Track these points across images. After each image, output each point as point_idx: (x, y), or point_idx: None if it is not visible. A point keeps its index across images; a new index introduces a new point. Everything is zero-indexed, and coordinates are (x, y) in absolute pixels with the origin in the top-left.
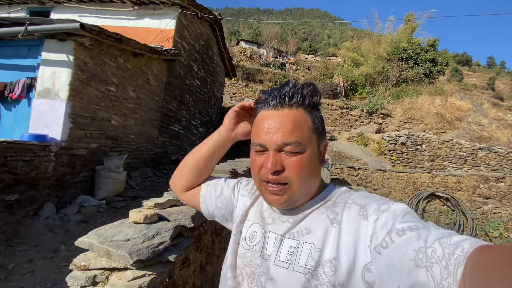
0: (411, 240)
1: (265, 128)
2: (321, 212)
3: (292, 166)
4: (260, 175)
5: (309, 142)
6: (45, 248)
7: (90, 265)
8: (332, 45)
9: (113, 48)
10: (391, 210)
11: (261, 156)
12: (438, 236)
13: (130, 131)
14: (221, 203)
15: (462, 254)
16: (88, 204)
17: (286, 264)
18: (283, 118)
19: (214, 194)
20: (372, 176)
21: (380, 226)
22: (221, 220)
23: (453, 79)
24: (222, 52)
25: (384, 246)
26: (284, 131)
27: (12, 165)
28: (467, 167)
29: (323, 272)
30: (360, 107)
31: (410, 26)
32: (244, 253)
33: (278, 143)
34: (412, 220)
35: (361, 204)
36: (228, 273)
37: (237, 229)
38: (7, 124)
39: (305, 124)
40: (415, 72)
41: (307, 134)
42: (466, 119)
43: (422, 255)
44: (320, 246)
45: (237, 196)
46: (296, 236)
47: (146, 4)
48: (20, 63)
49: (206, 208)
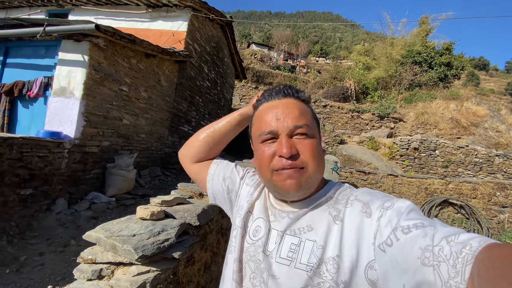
0: (417, 238)
1: (274, 115)
2: (323, 209)
3: (307, 149)
4: (272, 166)
5: (314, 128)
6: (56, 242)
7: (96, 259)
8: (344, 48)
9: (127, 49)
10: (395, 207)
11: (270, 145)
12: (445, 234)
13: (141, 130)
14: (227, 186)
15: (470, 252)
16: (98, 201)
17: (287, 262)
18: (289, 105)
19: (222, 175)
20: (383, 181)
21: (385, 224)
22: (222, 202)
23: (469, 83)
24: (233, 54)
25: (389, 244)
26: (293, 115)
27: (28, 160)
28: (483, 174)
29: (326, 269)
30: (371, 110)
31: (424, 29)
32: (248, 247)
33: (290, 127)
34: (417, 217)
35: (364, 201)
36: (235, 266)
37: (242, 222)
38: (25, 121)
39: (307, 112)
40: (429, 76)
41: (311, 120)
42: (483, 125)
43: (429, 254)
44: (323, 243)
45: (242, 183)
46: (297, 233)
47: (160, 7)
48: (38, 63)
49: (211, 187)
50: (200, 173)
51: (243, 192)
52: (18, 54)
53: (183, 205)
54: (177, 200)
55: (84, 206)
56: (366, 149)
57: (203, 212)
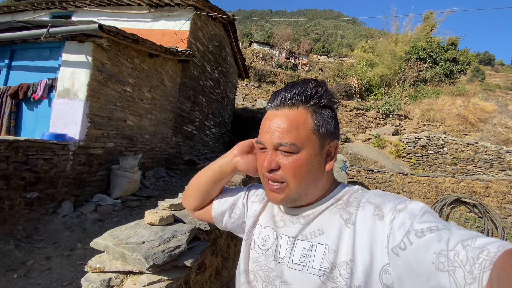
0: (432, 242)
1: (266, 127)
2: (333, 212)
3: (287, 166)
4: (262, 171)
5: (307, 144)
6: (62, 246)
7: (105, 267)
8: (346, 45)
9: (130, 49)
10: (408, 210)
11: (264, 153)
12: (461, 238)
13: (145, 131)
14: (235, 214)
15: (488, 258)
16: (104, 203)
17: (300, 267)
18: (280, 118)
19: (227, 206)
20: (392, 180)
21: (398, 227)
22: (235, 230)
23: (475, 79)
24: (235, 53)
25: (402, 247)
26: (279, 131)
27: (33, 163)
28: (494, 171)
29: (339, 274)
30: (375, 108)
31: (429, 24)
32: (257, 257)
33: (274, 143)
34: (431, 220)
35: (376, 203)
36: (242, 278)
37: (248, 235)
38: (29, 124)
39: (303, 125)
40: (434, 72)
41: (305, 135)
42: (491, 121)
43: (444, 258)
44: (335, 247)
45: (249, 204)
46: (308, 237)
47: (162, 6)
48: (43, 65)
49: (220, 222)
50: (205, 215)
51: (249, 211)
52: (23, 56)
53: None
54: None
55: (90, 208)
56: (371, 147)
57: None
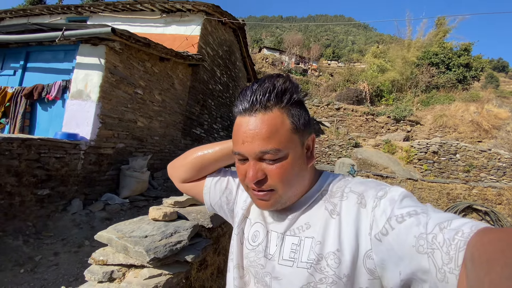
0: (411, 227)
1: (242, 136)
2: (319, 205)
3: (275, 174)
4: (246, 183)
5: (290, 145)
6: (70, 243)
7: (108, 260)
8: (357, 51)
9: (141, 53)
10: (388, 196)
11: (244, 163)
12: (438, 220)
13: (155, 133)
14: (226, 198)
15: (462, 239)
16: (112, 202)
17: (290, 262)
18: (256, 124)
19: (219, 187)
20: (401, 186)
21: (379, 214)
22: (222, 214)
23: (489, 85)
24: (245, 58)
25: (384, 233)
26: (260, 139)
27: (45, 161)
28: (507, 179)
29: (327, 264)
30: (386, 113)
31: (441, 30)
32: (248, 253)
33: (256, 152)
34: (410, 204)
35: (359, 191)
36: (235, 273)
37: (238, 228)
38: (43, 124)
39: (282, 127)
40: (447, 77)
41: (286, 137)
42: (505, 128)
43: (423, 241)
44: (321, 239)
45: (239, 192)
46: (296, 232)
47: (174, 12)
48: (57, 67)
49: (209, 200)
50: (195, 189)
51: (239, 199)
52: (38, 58)
53: (196, 207)
54: (190, 201)
55: (99, 207)
56: (382, 153)
57: (216, 214)
